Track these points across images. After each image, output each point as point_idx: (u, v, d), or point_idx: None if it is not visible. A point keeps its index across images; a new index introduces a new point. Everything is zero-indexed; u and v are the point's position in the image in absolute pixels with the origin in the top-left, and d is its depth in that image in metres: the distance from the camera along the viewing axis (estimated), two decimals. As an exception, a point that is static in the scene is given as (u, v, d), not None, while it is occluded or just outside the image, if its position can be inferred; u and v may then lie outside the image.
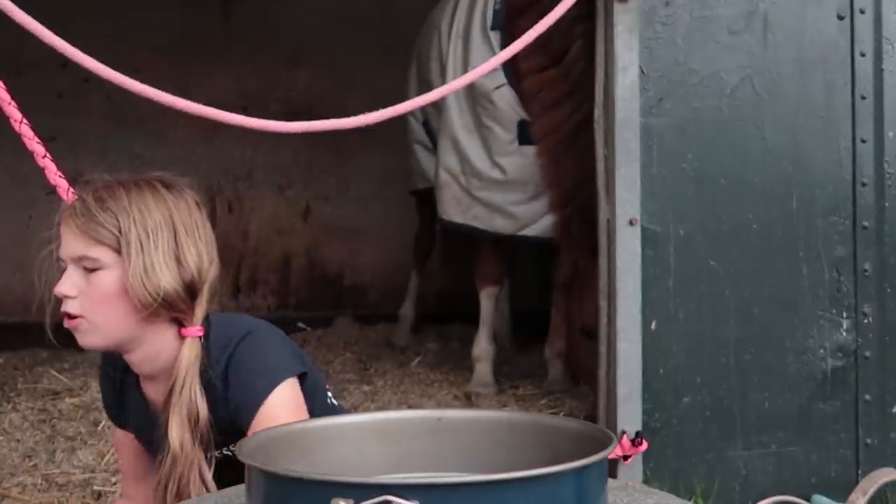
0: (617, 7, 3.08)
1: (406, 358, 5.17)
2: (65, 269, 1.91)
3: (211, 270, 1.95)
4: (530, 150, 4.01)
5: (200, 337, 1.93)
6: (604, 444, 1.32)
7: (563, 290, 4.46)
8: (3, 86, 2.59)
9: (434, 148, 4.60)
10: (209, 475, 1.92)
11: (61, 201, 2.04)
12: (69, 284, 1.87)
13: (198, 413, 1.88)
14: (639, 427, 3.08)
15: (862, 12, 3.23)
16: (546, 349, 4.58)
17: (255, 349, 1.95)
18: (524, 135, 4.02)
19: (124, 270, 1.86)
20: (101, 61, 2.57)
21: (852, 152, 3.24)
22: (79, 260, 1.88)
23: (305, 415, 1.93)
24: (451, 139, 4.26)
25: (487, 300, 4.54)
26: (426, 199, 4.90)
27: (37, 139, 2.54)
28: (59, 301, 1.91)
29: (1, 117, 2.63)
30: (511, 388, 4.52)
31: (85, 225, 1.87)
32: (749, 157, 3.19)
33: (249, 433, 1.85)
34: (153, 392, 2.01)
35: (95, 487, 3.37)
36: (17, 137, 2.60)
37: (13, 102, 2.55)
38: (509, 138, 4.07)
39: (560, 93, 3.79)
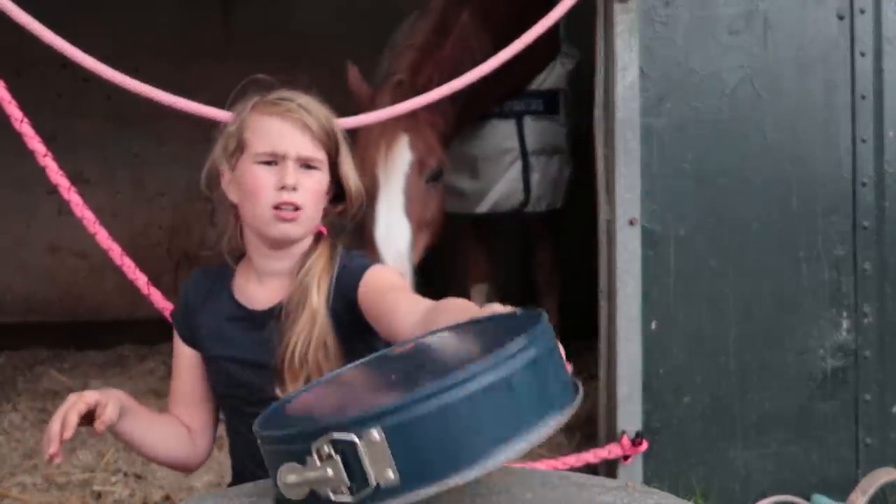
0: (617, 7, 3.08)
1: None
2: (269, 164, 1.94)
3: None
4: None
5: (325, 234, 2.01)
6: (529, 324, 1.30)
7: (546, 288, 4.47)
8: (4, 85, 2.59)
9: None
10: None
11: (256, 99, 2.08)
12: (297, 179, 1.93)
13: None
14: (639, 427, 3.08)
15: (862, 12, 3.23)
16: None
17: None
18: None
19: (332, 171, 1.97)
20: (101, 61, 2.57)
21: (852, 152, 3.24)
22: (305, 159, 1.94)
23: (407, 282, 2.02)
24: None
25: (479, 298, 4.53)
26: None
27: (38, 139, 2.55)
28: None
29: (1, 119, 2.63)
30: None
31: (318, 128, 1.96)
32: (749, 156, 3.19)
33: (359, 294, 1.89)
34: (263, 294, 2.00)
35: (95, 487, 3.37)
36: (18, 138, 2.60)
37: (13, 102, 2.55)
38: None
39: None
